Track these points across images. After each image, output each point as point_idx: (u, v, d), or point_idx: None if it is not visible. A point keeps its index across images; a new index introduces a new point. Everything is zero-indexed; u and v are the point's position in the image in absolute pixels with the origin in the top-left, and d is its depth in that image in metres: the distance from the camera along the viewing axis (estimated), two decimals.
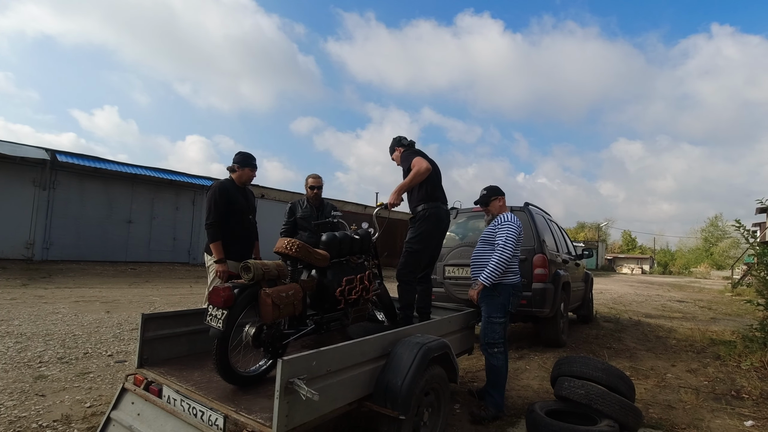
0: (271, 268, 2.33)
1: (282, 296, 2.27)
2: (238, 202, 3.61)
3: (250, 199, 3.83)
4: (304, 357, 1.91)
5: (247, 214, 3.72)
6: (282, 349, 2.50)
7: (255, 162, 3.73)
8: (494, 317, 3.31)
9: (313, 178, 4.41)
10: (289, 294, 2.33)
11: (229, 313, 2.15)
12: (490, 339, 3.31)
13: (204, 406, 2.06)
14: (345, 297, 2.79)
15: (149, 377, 2.38)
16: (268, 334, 2.38)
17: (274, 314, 2.23)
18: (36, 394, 3.12)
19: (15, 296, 6.77)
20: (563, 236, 6.86)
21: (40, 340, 4.46)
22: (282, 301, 2.26)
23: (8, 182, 10.83)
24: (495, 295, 3.31)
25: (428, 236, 3.34)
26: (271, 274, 2.33)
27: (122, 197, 12.76)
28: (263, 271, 2.28)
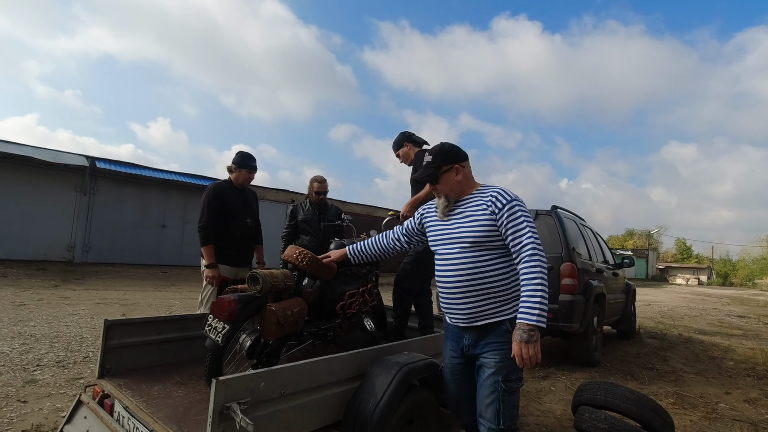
0: (279, 279, 2.13)
1: (287, 314, 2.08)
2: (233, 204, 3.41)
3: (250, 201, 3.61)
4: (247, 377, 1.62)
5: (245, 216, 3.50)
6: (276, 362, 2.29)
7: (253, 163, 3.52)
8: (514, 380, 1.82)
9: (318, 183, 4.11)
10: (295, 312, 2.14)
11: (231, 328, 1.96)
12: (509, 421, 1.80)
13: (146, 426, 1.82)
14: (345, 311, 2.62)
15: (107, 389, 2.17)
16: (264, 347, 2.17)
17: (278, 333, 2.03)
18: (18, 399, 3.02)
19: (42, 297, 6.98)
20: (599, 243, 6.25)
21: (47, 342, 4.45)
22: (287, 319, 2.07)
23: (52, 188, 11.40)
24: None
25: None
26: (279, 287, 2.14)
27: (156, 202, 13.15)
28: (271, 283, 2.07)
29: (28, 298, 6.80)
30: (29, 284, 8.16)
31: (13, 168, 10.73)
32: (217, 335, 1.97)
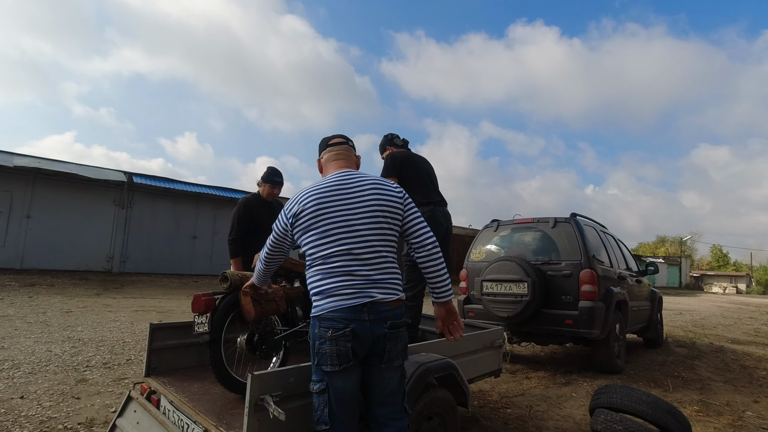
0: (249, 277, 2.34)
1: (261, 293, 2.28)
2: (261, 217, 3.60)
3: (275, 213, 3.82)
4: (278, 372, 1.83)
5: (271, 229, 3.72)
6: (279, 349, 2.49)
7: (277, 178, 3.71)
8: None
9: None
10: (269, 292, 2.34)
11: (213, 316, 2.18)
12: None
13: (189, 418, 2.04)
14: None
15: (153, 386, 2.42)
16: (260, 336, 2.37)
17: (256, 310, 2.23)
18: (72, 396, 3.32)
19: (86, 305, 7.44)
20: (621, 250, 6.23)
21: (94, 345, 4.80)
22: (262, 297, 2.27)
23: (93, 202, 12.10)
24: None
25: None
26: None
27: (188, 214, 13.74)
28: (240, 278, 2.30)
29: (74, 305, 7.28)
30: (74, 293, 8.70)
31: (60, 184, 11.47)
32: (203, 327, 2.20)
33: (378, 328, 1.62)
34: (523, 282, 4.79)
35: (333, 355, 1.60)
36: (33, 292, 8.30)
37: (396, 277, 1.73)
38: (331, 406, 1.63)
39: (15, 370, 3.79)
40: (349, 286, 1.63)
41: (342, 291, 1.62)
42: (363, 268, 1.65)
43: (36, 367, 3.91)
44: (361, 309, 1.61)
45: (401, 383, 1.73)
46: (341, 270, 1.64)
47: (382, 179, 1.83)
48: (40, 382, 3.55)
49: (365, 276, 1.64)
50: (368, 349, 1.64)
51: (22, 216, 11.02)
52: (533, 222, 5.49)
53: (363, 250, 1.66)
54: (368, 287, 1.63)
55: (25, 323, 5.66)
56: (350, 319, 1.60)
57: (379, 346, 1.63)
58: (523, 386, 4.51)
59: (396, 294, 1.70)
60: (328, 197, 1.73)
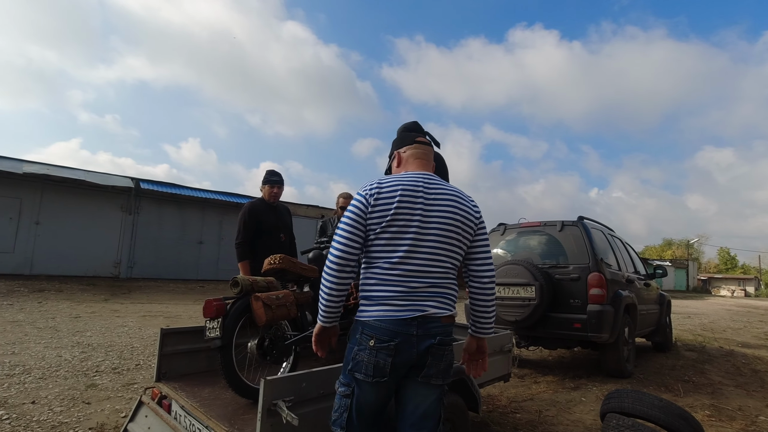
0: (259, 281, 2.38)
1: (272, 298, 2.30)
2: (267, 221, 3.61)
3: (283, 216, 3.79)
4: (290, 378, 1.83)
5: (278, 232, 3.69)
6: (289, 354, 2.50)
7: (275, 177, 3.68)
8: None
9: (344, 199, 4.38)
10: (280, 297, 2.36)
11: (224, 321, 2.20)
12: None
13: (201, 423, 2.05)
14: (343, 303, 2.78)
15: (164, 391, 2.43)
16: (271, 341, 2.38)
17: (267, 315, 2.25)
18: (83, 401, 3.34)
19: (95, 310, 7.49)
20: (629, 253, 6.19)
21: (102, 350, 4.83)
22: (273, 302, 2.29)
23: (101, 208, 12.20)
24: None
25: None
26: (260, 286, 2.38)
27: (194, 220, 13.81)
28: (251, 283, 2.32)
29: (82, 311, 7.32)
30: (82, 298, 8.75)
31: (68, 191, 11.58)
32: (215, 332, 2.21)
33: (424, 344, 1.49)
34: (531, 286, 4.77)
35: (369, 366, 1.48)
36: (42, 298, 8.36)
37: (452, 292, 1.59)
38: (351, 413, 1.55)
39: (26, 375, 3.81)
40: (403, 297, 1.50)
41: (395, 301, 1.50)
42: (422, 280, 1.52)
43: (46, 372, 3.93)
44: (411, 322, 1.48)
45: (437, 407, 1.57)
46: (400, 279, 1.51)
47: (462, 192, 1.67)
48: (51, 387, 3.58)
49: (422, 289, 1.51)
50: (410, 366, 1.52)
51: (31, 222, 11.13)
52: (540, 225, 5.47)
53: (427, 262, 1.53)
54: (423, 300, 1.51)
55: (35, 329, 5.70)
56: (397, 333, 1.47)
57: (422, 360, 1.51)
58: (531, 391, 4.48)
59: (449, 309, 1.57)
60: (408, 197, 1.55)
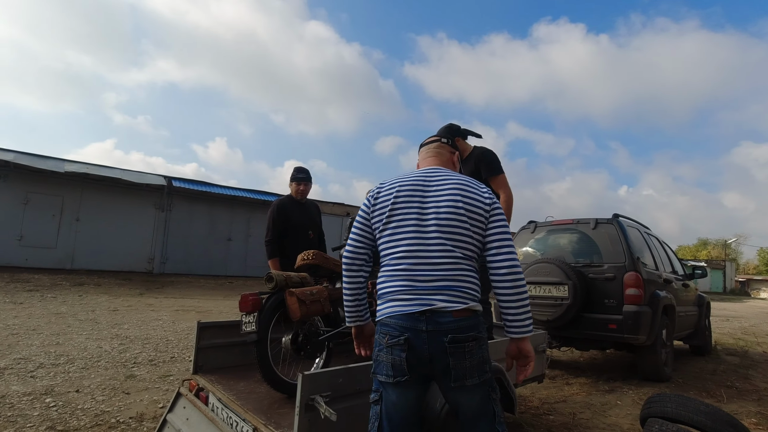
0: (293, 277, 2.41)
1: (307, 293, 2.32)
2: (295, 218, 3.61)
3: (311, 213, 3.78)
4: (328, 373, 1.84)
5: (306, 229, 3.68)
6: (323, 350, 2.53)
7: (300, 174, 3.66)
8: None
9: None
10: (314, 292, 2.37)
11: (260, 316, 2.22)
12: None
13: (238, 416, 2.08)
14: (374, 299, 2.77)
15: (201, 383, 2.48)
16: (305, 336, 2.40)
17: (302, 310, 2.26)
18: (123, 391, 3.46)
19: (131, 304, 7.76)
20: (666, 252, 5.96)
21: (139, 343, 4.99)
22: (307, 297, 2.31)
23: (135, 206, 12.63)
24: None
25: None
26: (294, 282, 2.40)
27: (223, 217, 14.13)
28: (285, 278, 2.35)
29: (119, 304, 7.61)
30: (119, 292, 9.09)
31: (106, 189, 12.04)
32: (251, 326, 2.24)
33: (436, 341, 1.42)
34: (564, 285, 4.65)
35: (388, 365, 1.47)
36: (82, 291, 8.73)
37: (468, 285, 1.50)
38: (382, 421, 1.51)
39: (70, 365, 3.98)
40: (408, 291, 1.48)
41: (400, 296, 1.48)
42: (428, 272, 1.48)
43: (88, 363, 4.10)
44: (419, 317, 1.44)
45: (487, 404, 1.48)
46: (404, 274, 1.50)
47: (470, 180, 1.62)
48: (93, 377, 3.72)
49: (428, 281, 1.47)
50: (429, 365, 1.45)
51: (72, 219, 11.63)
52: (572, 223, 5.33)
53: (432, 253, 1.49)
54: (429, 294, 1.46)
55: (77, 320, 5.96)
56: (405, 328, 1.45)
57: (442, 362, 1.43)
58: (564, 392, 4.38)
59: (463, 303, 1.46)
60: (406, 191, 1.58)
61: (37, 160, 11.05)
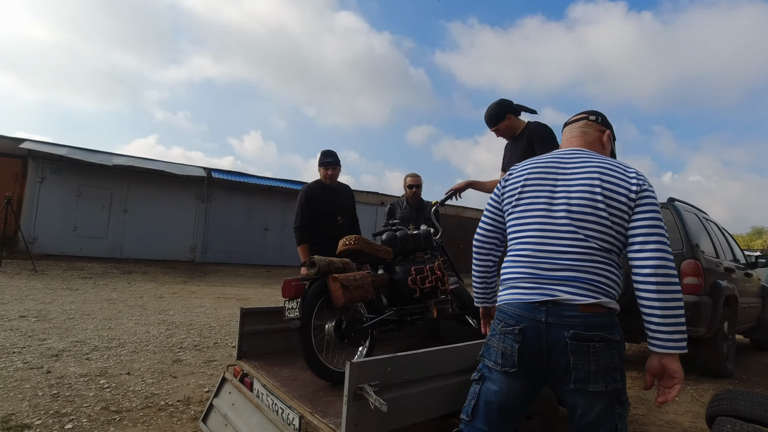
0: (335, 262, 2.35)
1: (350, 279, 2.25)
2: (324, 203, 3.52)
3: (341, 199, 3.62)
4: (376, 361, 1.76)
5: (335, 215, 3.55)
6: (367, 338, 2.48)
7: (327, 159, 3.51)
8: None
9: (411, 177, 4.32)
10: (357, 278, 2.31)
11: (303, 302, 2.18)
12: None
13: (284, 403, 2.06)
14: (418, 286, 2.69)
15: (245, 369, 2.49)
16: (348, 323, 2.34)
17: (345, 296, 2.21)
18: (170, 375, 3.55)
19: (176, 291, 8.05)
20: (726, 240, 5.53)
21: (184, 328, 5.15)
22: (351, 283, 2.24)
23: (178, 197, 13.08)
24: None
25: None
26: (337, 267, 2.33)
27: (260, 207, 14.41)
28: (328, 263, 2.28)
29: (165, 291, 7.90)
30: (164, 280, 9.46)
31: (150, 181, 12.53)
32: (294, 312, 2.20)
33: (556, 335, 1.29)
34: None
35: (498, 352, 1.41)
36: (131, 279, 9.13)
37: (601, 280, 1.32)
38: (478, 401, 1.47)
39: (121, 349, 4.14)
40: (530, 278, 1.37)
41: (521, 283, 1.39)
42: (554, 261, 1.35)
43: (138, 347, 4.25)
44: (539, 307, 1.33)
45: (608, 416, 1.30)
46: (527, 260, 1.40)
47: (615, 163, 1.44)
48: (142, 361, 3.85)
49: (553, 270, 1.34)
50: (545, 360, 1.33)
51: (120, 210, 12.18)
52: None
53: (560, 241, 1.36)
54: (554, 283, 1.33)
55: (126, 306, 6.22)
56: (522, 317, 1.35)
57: (562, 359, 1.30)
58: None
59: (593, 297, 1.29)
60: (537, 174, 1.49)
61: (88, 154, 11.59)
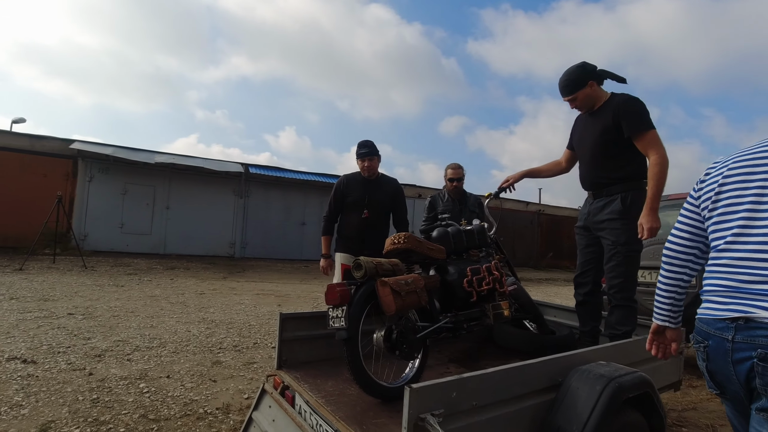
0: (384, 264, 2.07)
1: (401, 283, 1.98)
2: (352, 194, 3.35)
3: (374, 191, 3.36)
4: (439, 386, 1.47)
5: (362, 207, 3.31)
6: (420, 350, 2.18)
7: (363, 150, 3.30)
8: None
9: (452, 170, 3.95)
10: (409, 282, 2.02)
11: (350, 309, 1.91)
12: None
13: (329, 425, 1.80)
14: (475, 288, 2.40)
15: (286, 381, 2.26)
16: (400, 333, 2.05)
17: (397, 303, 1.93)
18: (210, 379, 3.41)
19: (216, 287, 8.08)
20: None
21: (224, 327, 5.06)
22: (402, 288, 1.97)
23: (217, 193, 13.27)
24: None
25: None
26: (385, 268, 2.06)
27: (297, 202, 14.41)
28: (375, 265, 2.01)
29: (205, 288, 7.95)
30: (205, 276, 9.57)
31: (190, 178, 12.76)
32: (340, 322, 1.95)
33: (741, 356, 1.12)
34: None
35: (704, 372, 1.28)
36: (173, 275, 9.29)
37: None
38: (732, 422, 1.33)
39: (162, 349, 4.06)
40: (724, 291, 1.18)
41: (715, 297, 1.21)
42: (754, 271, 1.13)
43: (179, 347, 4.16)
44: (729, 324, 1.15)
45: None
46: (723, 270, 1.19)
47: None
48: (182, 362, 3.74)
49: (751, 283, 1.12)
50: (736, 383, 1.16)
51: (162, 207, 12.49)
52: None
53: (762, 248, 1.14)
54: (749, 298, 1.11)
55: (168, 303, 6.24)
56: (708, 334, 1.21)
57: (747, 382, 1.13)
58: (690, 398, 3.70)
59: None
60: (738, 171, 1.22)
61: (132, 152, 11.92)
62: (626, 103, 2.39)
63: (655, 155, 2.29)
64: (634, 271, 2.53)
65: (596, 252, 2.70)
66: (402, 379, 2.15)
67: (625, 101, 2.40)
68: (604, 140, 2.45)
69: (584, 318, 2.79)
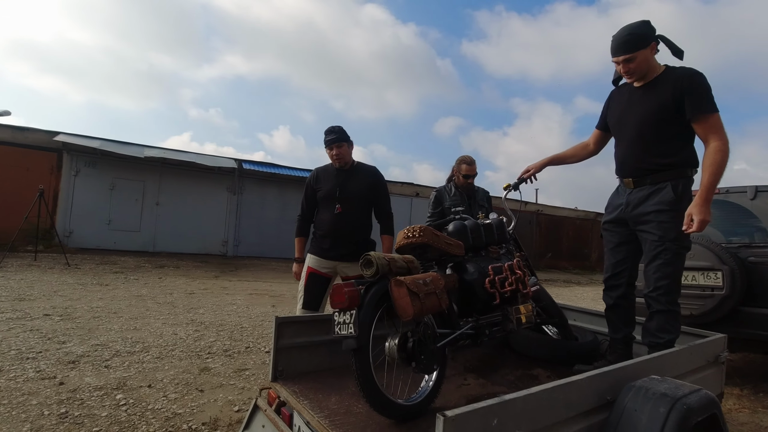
0: (397, 261, 1.76)
1: (419, 283, 1.68)
2: (323, 188, 2.93)
3: (347, 183, 2.91)
4: (477, 412, 1.16)
5: (334, 202, 2.89)
6: (440, 361, 1.86)
7: (330, 137, 2.88)
8: None
9: (467, 165, 3.52)
10: (428, 282, 1.73)
11: (359, 314, 1.60)
12: None
13: None
14: (498, 289, 2.10)
15: (282, 395, 1.94)
16: (417, 341, 1.73)
17: (414, 306, 1.63)
18: (196, 388, 3.09)
19: (207, 287, 7.72)
20: None
21: (214, 330, 4.72)
22: (420, 289, 1.67)
23: (209, 189, 12.89)
24: None
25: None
26: (399, 266, 1.75)
27: (294, 199, 14.04)
28: (388, 262, 1.69)
29: (196, 287, 7.58)
30: (196, 275, 9.20)
31: (182, 173, 12.38)
32: (348, 328, 1.63)
33: None
34: (716, 271, 3.64)
35: None
36: (162, 274, 8.91)
37: None
38: None
39: (145, 354, 3.73)
40: None
41: None
42: None
43: (163, 351, 3.83)
44: None
45: None
46: None
47: None
48: (167, 369, 3.41)
49: None
50: None
51: (152, 203, 12.09)
52: (719, 193, 4.20)
53: None
54: None
55: (155, 303, 5.88)
56: None
57: None
58: (746, 418, 3.44)
59: None
60: None
61: (120, 146, 11.50)
62: (693, 78, 2.07)
63: (718, 141, 2.00)
64: (681, 271, 2.23)
65: (631, 250, 2.40)
66: (418, 395, 1.84)
67: (692, 75, 2.08)
68: (658, 119, 2.14)
69: (616, 324, 2.49)
